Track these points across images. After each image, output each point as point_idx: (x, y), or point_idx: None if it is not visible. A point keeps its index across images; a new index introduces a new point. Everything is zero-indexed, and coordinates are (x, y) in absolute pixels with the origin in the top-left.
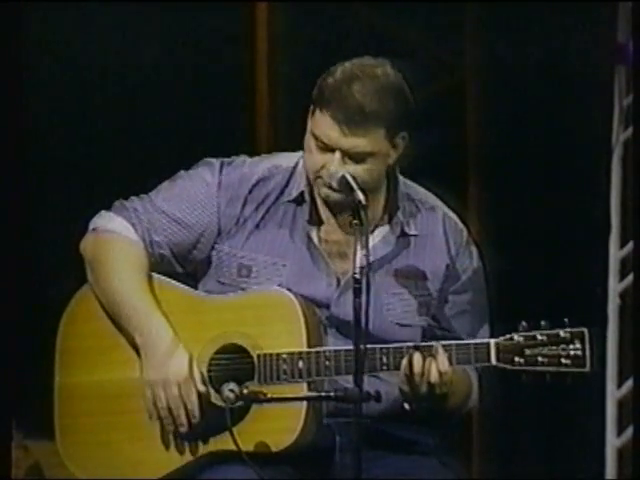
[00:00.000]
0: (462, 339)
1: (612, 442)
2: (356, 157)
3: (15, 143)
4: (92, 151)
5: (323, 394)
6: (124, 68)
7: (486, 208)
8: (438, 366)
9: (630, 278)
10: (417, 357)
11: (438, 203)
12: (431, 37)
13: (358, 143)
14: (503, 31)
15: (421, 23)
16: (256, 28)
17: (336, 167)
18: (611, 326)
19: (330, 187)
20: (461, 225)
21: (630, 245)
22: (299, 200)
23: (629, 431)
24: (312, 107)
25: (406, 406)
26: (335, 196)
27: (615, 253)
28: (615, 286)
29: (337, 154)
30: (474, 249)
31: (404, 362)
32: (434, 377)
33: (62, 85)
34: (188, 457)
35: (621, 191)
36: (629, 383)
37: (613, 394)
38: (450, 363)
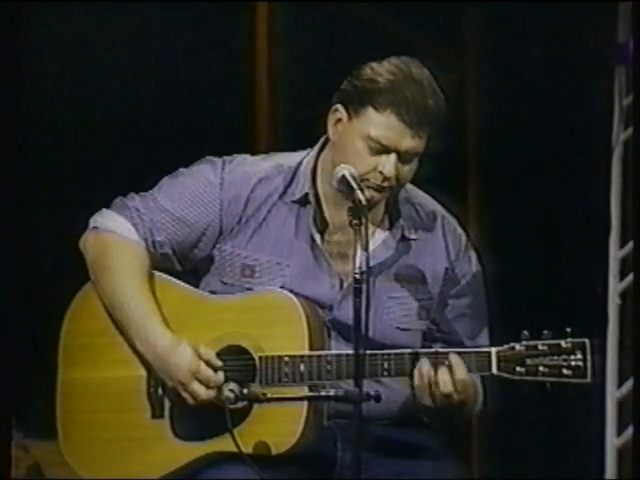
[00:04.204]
0: (462, 342)
1: (612, 442)
2: (407, 158)
3: (14, 142)
4: (92, 150)
5: (323, 394)
6: (124, 67)
7: (486, 208)
8: (455, 374)
9: (630, 278)
10: (424, 365)
11: (437, 207)
12: (431, 37)
13: (417, 144)
14: (503, 31)
15: (421, 23)
16: (256, 28)
17: (391, 170)
18: (611, 326)
19: (377, 189)
20: (460, 229)
21: (630, 245)
22: (303, 201)
23: (629, 431)
24: (353, 106)
25: (424, 418)
26: (378, 197)
27: (615, 253)
28: (615, 286)
29: (393, 156)
30: (473, 253)
31: (415, 373)
32: (446, 386)
33: (62, 86)
34: (189, 457)
35: (621, 191)
36: (629, 383)
37: (613, 394)
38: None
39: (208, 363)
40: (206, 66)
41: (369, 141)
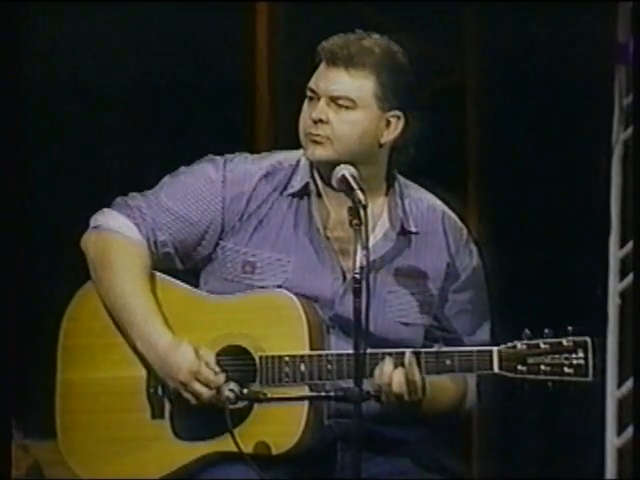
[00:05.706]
0: (462, 339)
1: (612, 442)
2: (339, 103)
3: (14, 141)
4: (92, 149)
5: (323, 394)
6: (124, 67)
7: (486, 208)
8: (407, 375)
9: (630, 278)
10: (387, 365)
11: (437, 202)
12: (431, 37)
13: (338, 85)
14: (503, 31)
15: (421, 23)
16: (256, 28)
17: (318, 113)
18: (611, 326)
19: (314, 140)
20: (460, 224)
21: (630, 245)
22: (302, 193)
23: (629, 431)
24: None
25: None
26: (320, 153)
27: (615, 253)
28: (615, 286)
29: (322, 100)
30: (474, 248)
31: (376, 371)
32: (399, 387)
33: (62, 85)
34: (189, 457)
35: (621, 191)
36: (629, 383)
37: (613, 394)
38: (426, 372)
39: (207, 365)
40: (206, 66)
41: (309, 93)
